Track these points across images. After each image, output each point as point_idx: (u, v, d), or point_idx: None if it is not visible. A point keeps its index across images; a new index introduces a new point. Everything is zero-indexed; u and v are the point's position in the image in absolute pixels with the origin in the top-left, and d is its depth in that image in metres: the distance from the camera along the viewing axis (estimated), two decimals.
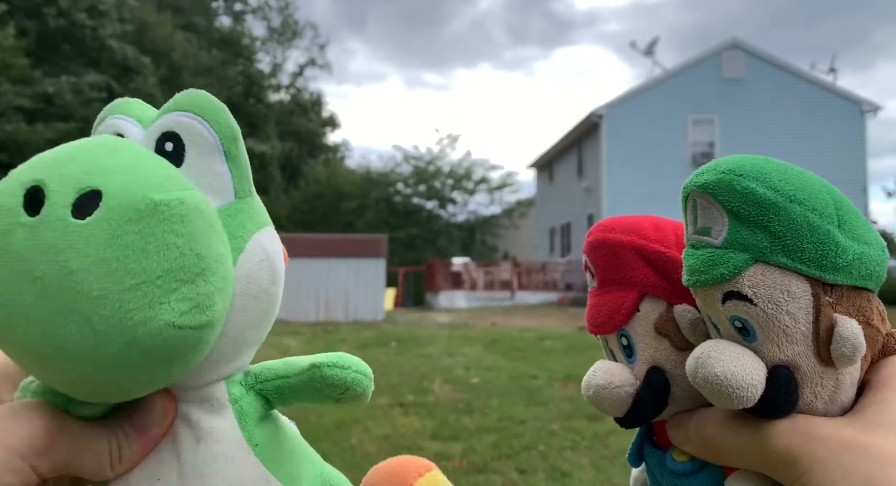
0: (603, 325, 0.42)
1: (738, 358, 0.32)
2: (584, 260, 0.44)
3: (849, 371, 0.34)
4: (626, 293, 0.41)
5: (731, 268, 0.32)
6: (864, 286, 0.33)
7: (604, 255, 0.42)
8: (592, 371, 0.41)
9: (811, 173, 0.34)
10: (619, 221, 0.42)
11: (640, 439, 0.44)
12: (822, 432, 0.31)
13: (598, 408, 0.41)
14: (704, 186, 0.33)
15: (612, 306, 0.41)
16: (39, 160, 0.32)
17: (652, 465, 0.42)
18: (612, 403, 0.40)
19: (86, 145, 0.33)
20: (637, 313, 0.40)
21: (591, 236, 0.43)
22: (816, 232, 0.31)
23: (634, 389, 0.40)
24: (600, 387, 0.40)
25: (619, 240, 0.41)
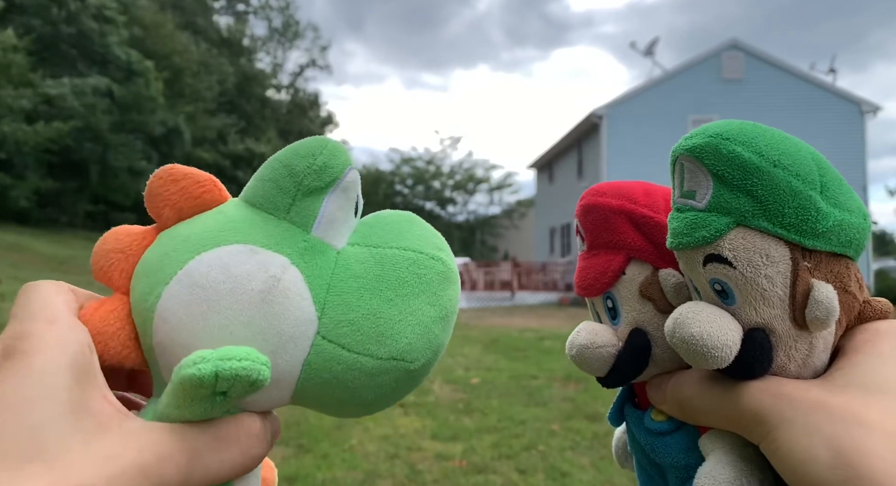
0: (590, 287, 0.42)
1: (714, 319, 0.33)
2: (576, 224, 0.45)
3: (822, 336, 0.34)
4: (614, 256, 0.42)
5: (713, 231, 0.33)
6: (844, 253, 0.34)
7: (594, 218, 0.43)
8: (576, 331, 0.42)
9: (798, 140, 0.34)
10: (610, 185, 0.43)
11: (622, 399, 0.45)
12: (792, 392, 0.32)
13: (580, 367, 0.42)
14: (691, 149, 0.33)
15: (600, 269, 0.42)
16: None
17: (631, 424, 0.43)
18: (594, 362, 0.41)
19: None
20: (623, 276, 0.41)
21: (582, 200, 0.44)
22: (798, 197, 0.32)
23: (616, 349, 0.41)
24: (583, 346, 0.41)
25: (609, 204, 0.42)
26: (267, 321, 0.33)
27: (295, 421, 4.09)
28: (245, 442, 0.32)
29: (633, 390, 0.45)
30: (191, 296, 0.33)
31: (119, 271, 0.35)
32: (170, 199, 0.36)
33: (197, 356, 0.27)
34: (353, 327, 0.34)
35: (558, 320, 11.33)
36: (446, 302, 0.37)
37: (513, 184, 32.03)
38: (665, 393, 0.39)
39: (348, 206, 0.36)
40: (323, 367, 0.34)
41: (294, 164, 0.35)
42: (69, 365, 0.28)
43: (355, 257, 0.36)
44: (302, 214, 0.35)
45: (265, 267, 0.33)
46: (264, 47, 35.96)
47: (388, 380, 0.35)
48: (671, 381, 0.39)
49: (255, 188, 0.36)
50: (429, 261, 0.37)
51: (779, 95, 16.93)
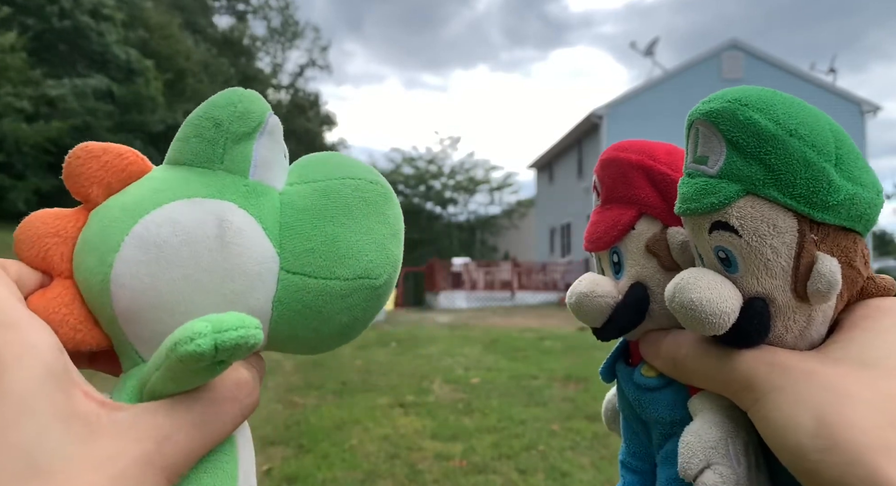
0: (598, 240, 0.42)
1: (714, 286, 0.33)
2: (594, 180, 0.45)
3: (822, 309, 0.34)
4: (626, 210, 0.42)
5: (722, 198, 0.32)
6: (853, 228, 0.33)
7: (612, 173, 0.42)
8: (579, 281, 0.42)
9: (818, 110, 0.33)
10: (633, 142, 0.43)
11: (614, 357, 0.45)
12: (785, 361, 0.32)
13: (578, 316, 0.42)
14: (708, 114, 0.33)
15: (610, 222, 0.42)
16: None
17: (621, 380, 0.44)
18: (592, 311, 0.41)
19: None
20: (632, 230, 0.41)
21: (604, 155, 0.43)
22: (811, 168, 0.31)
23: (615, 301, 0.41)
24: (583, 294, 0.41)
25: (628, 158, 0.42)
26: (230, 263, 0.33)
27: (295, 421, 4.09)
28: (240, 394, 0.32)
29: (627, 348, 0.45)
30: (146, 255, 0.33)
31: (59, 255, 0.34)
32: (94, 175, 0.35)
33: (193, 332, 0.27)
34: (315, 254, 0.35)
35: (558, 320, 11.33)
36: (393, 219, 0.38)
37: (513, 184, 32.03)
38: (659, 349, 0.39)
39: (278, 148, 0.37)
40: (293, 299, 0.35)
41: (216, 114, 0.35)
42: (44, 374, 0.27)
43: (298, 194, 0.37)
44: (236, 161, 0.35)
45: (213, 213, 0.34)
46: (264, 47, 35.98)
47: (358, 300, 0.36)
48: (668, 338, 0.39)
49: (179, 148, 0.36)
50: (368, 185, 0.38)
51: None
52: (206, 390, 0.31)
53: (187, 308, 0.33)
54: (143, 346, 0.34)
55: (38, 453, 0.25)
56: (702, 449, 0.34)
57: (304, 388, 5.16)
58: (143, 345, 0.34)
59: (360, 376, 5.65)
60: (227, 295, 0.33)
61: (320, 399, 4.78)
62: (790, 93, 0.34)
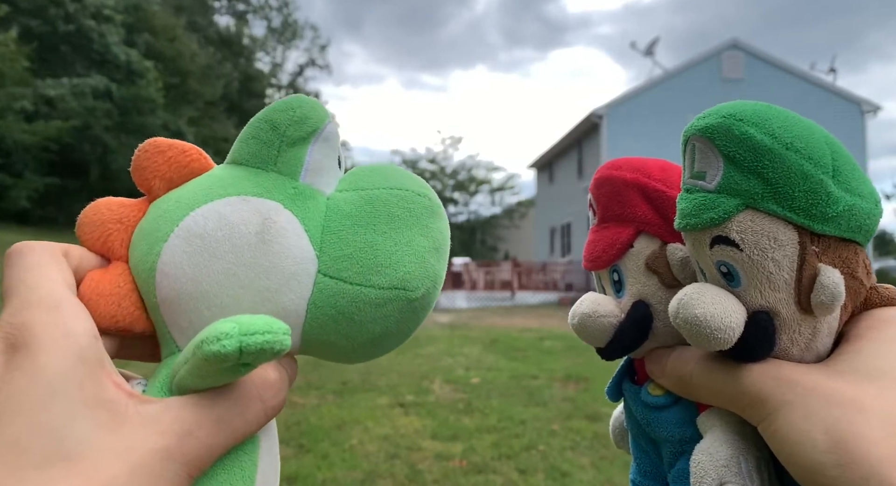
0: (597, 259, 0.42)
1: (718, 301, 0.33)
2: (589, 198, 0.45)
3: (827, 321, 0.34)
4: (623, 229, 0.41)
5: (721, 213, 0.32)
6: (853, 239, 0.33)
7: (607, 191, 0.42)
8: (580, 301, 0.42)
9: (813, 123, 0.34)
10: (627, 160, 0.43)
11: (620, 375, 0.45)
12: (792, 375, 0.32)
13: (580, 336, 0.42)
14: (704, 129, 0.33)
15: (609, 241, 0.42)
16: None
17: (628, 398, 0.43)
18: (595, 331, 0.41)
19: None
20: (631, 249, 0.41)
21: (598, 174, 0.44)
22: (809, 181, 0.31)
23: (618, 320, 0.40)
24: (585, 315, 0.41)
25: (623, 177, 0.42)
26: (269, 260, 0.34)
27: (295, 421, 4.09)
28: (265, 394, 0.33)
29: (632, 366, 0.44)
30: (190, 247, 0.34)
31: (119, 241, 0.36)
32: (158, 170, 0.37)
33: (219, 332, 0.27)
34: (352, 260, 0.35)
35: (558, 320, 11.33)
36: (437, 234, 0.38)
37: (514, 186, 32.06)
38: (665, 367, 0.39)
39: (332, 155, 0.38)
40: (327, 303, 0.35)
41: (274, 118, 0.36)
42: (78, 359, 0.28)
43: (345, 200, 0.37)
44: (288, 164, 0.36)
45: (259, 211, 0.35)
46: (263, 47, 35.98)
47: (392, 311, 0.36)
48: (673, 355, 0.39)
49: (239, 148, 0.37)
50: (415, 197, 0.38)
51: (779, 94, 16.92)
52: (232, 389, 0.31)
53: (223, 301, 0.34)
54: (179, 335, 0.35)
55: (66, 436, 0.26)
56: (714, 468, 0.34)
57: (304, 388, 5.16)
58: (179, 334, 0.35)
59: (360, 376, 5.65)
60: (262, 292, 0.34)
61: (320, 399, 4.78)
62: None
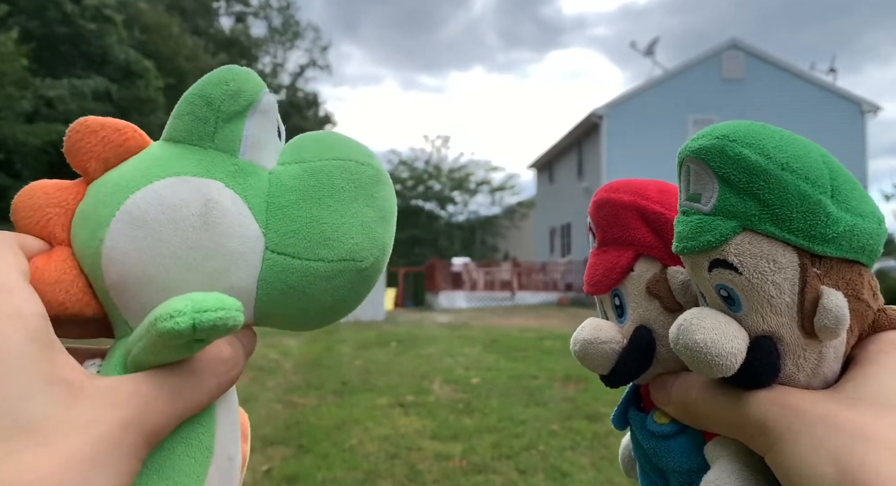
0: (598, 284, 0.42)
1: (719, 326, 0.32)
2: (588, 222, 0.44)
3: (833, 345, 0.33)
4: (623, 252, 0.41)
5: (718, 235, 0.32)
6: (856, 259, 0.32)
7: (605, 214, 0.42)
8: (581, 327, 0.41)
9: (809, 142, 0.33)
10: (625, 182, 0.43)
11: (626, 403, 0.44)
12: (799, 403, 0.31)
13: (583, 363, 0.41)
14: (697, 151, 0.33)
15: (608, 265, 0.41)
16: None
17: (634, 427, 0.43)
18: (597, 358, 0.40)
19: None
20: (632, 272, 0.41)
21: (596, 196, 0.43)
22: (807, 201, 0.31)
23: (620, 346, 0.40)
24: (587, 341, 0.40)
25: (621, 199, 0.41)
26: (214, 242, 0.34)
27: (295, 421, 4.09)
28: (219, 369, 0.33)
29: (637, 393, 0.44)
30: (133, 232, 0.34)
31: (60, 225, 0.35)
32: (93, 150, 0.36)
33: (172, 309, 0.27)
34: (299, 235, 0.35)
35: (558, 320, 11.34)
36: (382, 202, 0.38)
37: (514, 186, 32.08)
38: (670, 394, 0.38)
39: (270, 127, 0.37)
40: (277, 279, 0.35)
41: (208, 92, 0.36)
42: (31, 338, 0.28)
43: (287, 174, 0.37)
44: (226, 140, 0.36)
45: (200, 192, 0.34)
46: (264, 47, 35.99)
47: (343, 282, 0.36)
48: (677, 382, 0.38)
49: (174, 125, 0.37)
50: (359, 167, 0.37)
51: (779, 94, 16.93)
52: (185, 363, 0.32)
53: (172, 284, 0.34)
54: (132, 316, 0.35)
55: (22, 411, 0.26)
56: None
57: (304, 388, 5.16)
58: (132, 316, 0.35)
59: (360, 376, 5.64)
60: (210, 273, 0.34)
61: (320, 399, 4.78)
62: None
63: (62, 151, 0.37)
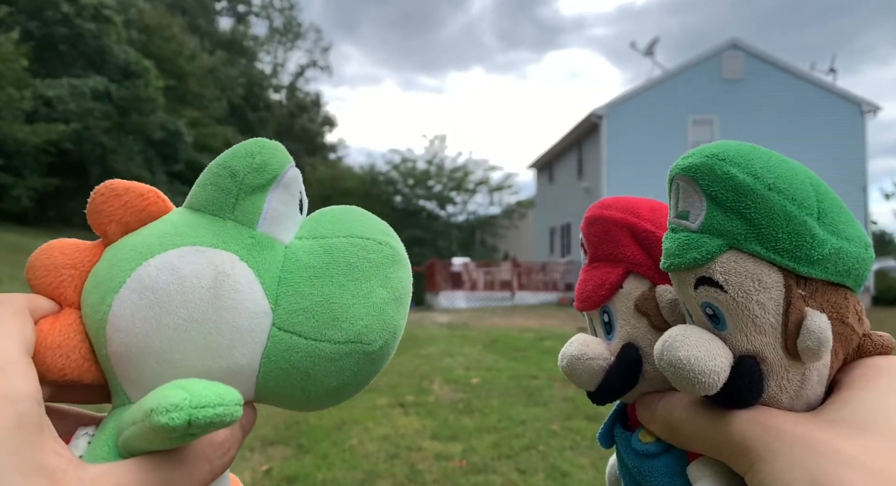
0: (587, 300, 0.42)
1: (703, 344, 0.32)
2: (580, 238, 0.45)
3: (816, 367, 0.33)
4: (612, 269, 0.41)
5: (704, 253, 0.32)
6: (842, 283, 0.32)
7: (596, 231, 0.42)
8: (569, 343, 0.42)
9: (798, 164, 0.33)
10: (617, 199, 0.43)
11: (612, 421, 0.44)
12: (779, 424, 0.31)
13: (570, 379, 0.41)
14: (687, 169, 0.33)
15: (598, 281, 0.42)
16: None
17: (620, 445, 0.43)
18: (584, 374, 0.40)
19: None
20: (621, 289, 0.41)
21: (588, 213, 0.43)
22: (793, 222, 0.31)
23: (607, 363, 0.40)
24: (574, 357, 0.41)
25: (612, 216, 0.42)
26: (220, 316, 0.33)
27: (295, 421, 4.09)
28: (213, 454, 0.32)
29: (624, 411, 0.44)
30: (141, 300, 0.33)
31: (72, 287, 0.35)
32: (114, 214, 0.36)
33: (169, 403, 0.27)
34: (308, 314, 0.34)
35: (558, 320, 11.33)
36: (397, 283, 0.37)
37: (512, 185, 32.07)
38: (654, 413, 0.38)
39: (292, 202, 0.37)
40: (281, 357, 0.34)
41: (233, 164, 0.35)
42: (16, 425, 0.27)
43: (303, 249, 0.36)
44: (246, 213, 0.35)
45: (213, 264, 0.34)
46: (265, 48, 35.98)
47: (349, 364, 0.35)
48: (661, 401, 0.38)
49: (196, 194, 0.36)
50: (376, 246, 0.37)
51: (779, 94, 16.92)
52: (177, 450, 0.31)
53: (174, 357, 0.33)
54: (130, 387, 0.34)
55: None
56: None
57: None
58: (130, 386, 0.34)
59: None
60: (214, 349, 0.33)
61: None
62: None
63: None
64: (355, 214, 0.39)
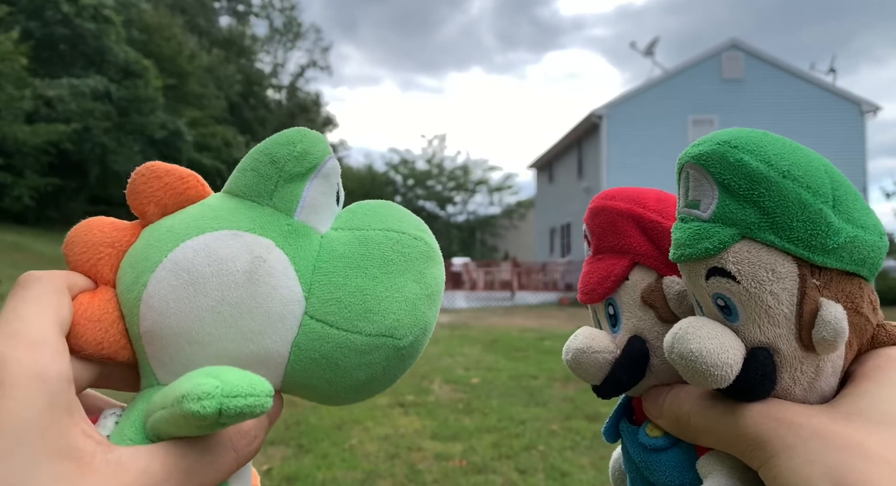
0: (592, 292, 0.41)
1: (715, 336, 0.31)
2: (584, 229, 0.44)
3: (830, 359, 0.32)
4: (618, 260, 0.40)
5: (717, 243, 0.31)
6: (856, 272, 0.32)
7: (601, 222, 0.41)
8: (574, 336, 0.41)
9: (811, 151, 0.32)
10: (622, 190, 0.42)
11: (617, 415, 0.44)
12: (795, 418, 0.31)
13: (575, 373, 0.41)
14: (698, 156, 0.32)
15: (603, 273, 0.41)
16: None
17: (626, 440, 0.42)
18: (590, 367, 0.39)
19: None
20: (626, 281, 0.40)
21: (592, 203, 0.43)
22: (807, 210, 0.30)
23: (613, 356, 0.39)
24: (579, 350, 0.40)
25: (617, 207, 0.41)
26: (255, 301, 0.33)
27: (295, 421, 4.09)
28: (239, 443, 0.32)
29: (630, 406, 0.43)
30: (177, 280, 0.33)
31: (109, 266, 0.35)
32: (154, 195, 0.36)
33: (201, 391, 0.27)
34: (341, 304, 0.34)
35: (558, 320, 11.33)
36: (431, 280, 0.37)
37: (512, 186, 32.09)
38: (662, 407, 0.37)
39: (330, 192, 0.37)
40: (312, 346, 0.34)
41: (274, 152, 0.36)
42: (47, 404, 0.27)
43: (339, 240, 0.36)
44: (285, 200, 0.35)
45: (250, 249, 0.34)
46: (265, 47, 35.98)
47: (378, 358, 0.35)
48: (669, 394, 0.37)
49: (236, 179, 0.36)
50: (412, 240, 0.37)
51: (779, 94, 16.93)
52: (206, 437, 0.31)
53: (205, 339, 0.33)
54: (160, 368, 0.34)
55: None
56: None
57: None
58: (160, 367, 0.34)
59: None
60: (245, 333, 0.33)
61: None
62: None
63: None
64: (391, 208, 0.39)
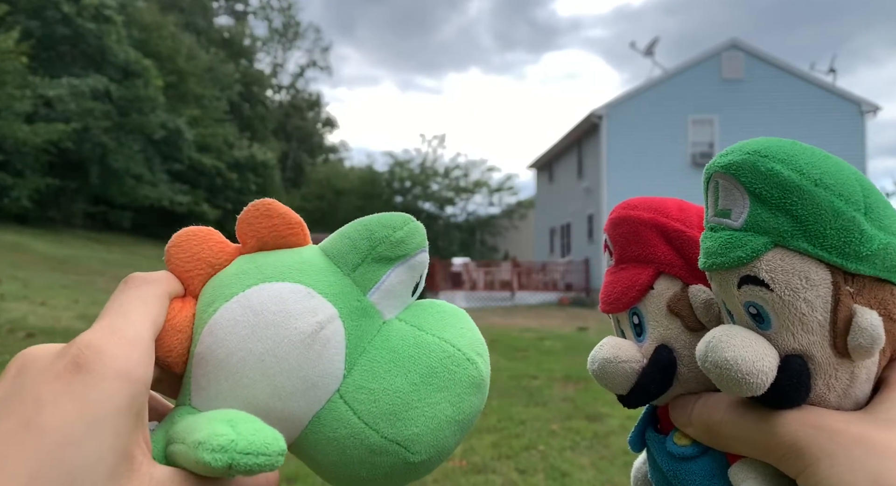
0: (616, 302, 0.41)
1: (749, 344, 0.31)
2: (605, 239, 0.44)
3: (865, 365, 0.32)
4: (642, 270, 0.40)
5: (749, 251, 0.31)
6: (889, 279, 0.32)
7: (624, 231, 0.41)
8: (599, 346, 0.40)
9: (840, 159, 0.33)
10: (643, 199, 0.42)
11: (643, 424, 0.43)
12: (833, 425, 0.31)
13: (601, 383, 0.40)
14: (728, 166, 0.32)
15: (627, 283, 0.41)
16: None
17: (653, 449, 0.41)
18: (617, 377, 0.39)
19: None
20: (651, 290, 0.40)
21: (613, 213, 0.43)
22: (841, 218, 0.30)
23: (640, 366, 0.39)
24: (606, 360, 0.39)
25: (640, 217, 0.41)
26: (298, 363, 0.34)
27: None
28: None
29: (655, 414, 0.43)
30: (242, 316, 0.34)
31: (201, 281, 0.37)
32: (259, 232, 0.37)
33: (216, 443, 0.28)
34: (371, 396, 0.34)
35: (558, 320, 11.34)
36: (468, 408, 0.37)
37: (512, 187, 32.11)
38: (691, 415, 0.37)
39: (409, 282, 0.38)
40: (330, 424, 0.34)
41: (375, 230, 0.37)
42: (126, 405, 0.28)
43: (398, 333, 0.36)
44: (365, 277, 0.36)
45: (315, 312, 0.34)
46: (264, 48, 36.00)
47: (385, 462, 0.34)
48: (699, 402, 0.37)
49: (334, 240, 0.38)
50: (465, 361, 0.37)
51: (779, 95, 16.93)
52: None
53: (242, 381, 0.34)
54: (196, 391, 0.35)
55: (82, 479, 0.26)
56: None
57: None
58: (197, 390, 0.35)
59: None
60: (278, 388, 0.34)
61: None
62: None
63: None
64: (461, 320, 0.39)
